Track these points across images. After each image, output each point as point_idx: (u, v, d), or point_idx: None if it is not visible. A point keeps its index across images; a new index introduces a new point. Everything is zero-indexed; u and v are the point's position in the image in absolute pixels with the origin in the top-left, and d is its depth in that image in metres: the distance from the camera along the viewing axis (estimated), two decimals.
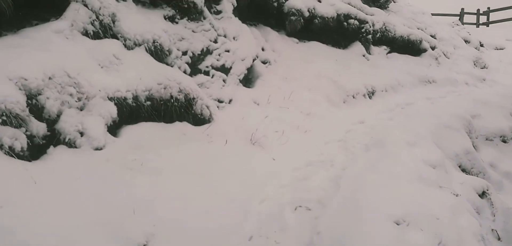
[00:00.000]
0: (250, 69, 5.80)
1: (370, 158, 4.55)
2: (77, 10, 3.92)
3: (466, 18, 25.12)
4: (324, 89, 6.33)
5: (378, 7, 10.66)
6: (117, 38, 4.15)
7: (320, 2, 8.08)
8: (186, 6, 5.07)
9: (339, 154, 4.64)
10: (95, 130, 3.27)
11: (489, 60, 10.56)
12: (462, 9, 25.22)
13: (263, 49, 6.74)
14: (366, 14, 8.78)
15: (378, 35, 8.79)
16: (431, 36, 10.18)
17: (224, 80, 5.23)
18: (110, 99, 3.56)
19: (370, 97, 6.89)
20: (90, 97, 3.42)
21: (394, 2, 11.44)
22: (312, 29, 7.82)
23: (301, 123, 5.26)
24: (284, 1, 7.59)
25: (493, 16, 24.49)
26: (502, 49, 14.17)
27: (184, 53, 4.87)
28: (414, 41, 9.13)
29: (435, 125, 5.51)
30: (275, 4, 7.46)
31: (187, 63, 4.85)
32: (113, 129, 3.57)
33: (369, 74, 7.38)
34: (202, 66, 5.07)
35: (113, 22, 4.16)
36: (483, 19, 24.80)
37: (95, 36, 3.99)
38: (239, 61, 5.55)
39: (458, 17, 24.94)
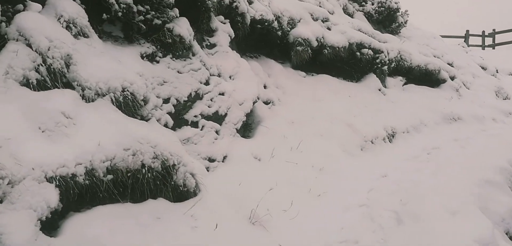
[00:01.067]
0: (250, 114, 4.70)
1: (404, 236, 3.47)
2: (16, 52, 2.84)
3: (471, 40, 24.12)
4: (338, 134, 5.22)
5: (390, 33, 9.63)
6: (73, 88, 3.06)
7: (329, 30, 7.02)
8: (170, 40, 4.00)
9: (364, 229, 3.54)
10: (18, 233, 2.16)
11: (509, 90, 9.44)
12: (467, 31, 24.20)
13: (265, 87, 5.65)
14: (380, 42, 7.73)
15: (393, 65, 7.72)
16: (449, 64, 9.09)
17: (217, 132, 4.12)
18: (50, 179, 2.45)
19: (390, 140, 5.76)
20: (15, 181, 2.31)
21: (406, 26, 10.41)
22: (321, 60, 6.75)
23: (313, 183, 4.13)
24: (289, 29, 6.53)
25: (498, 38, 23.47)
26: None
27: (166, 100, 3.78)
28: (432, 71, 8.04)
29: (475, 182, 4.42)
30: (279, 32, 6.40)
31: (170, 113, 3.76)
32: (52, 222, 2.46)
33: (387, 112, 6.27)
34: (189, 115, 3.97)
35: (68, 66, 3.08)
36: (488, 41, 23.78)
37: (40, 86, 2.91)
38: (236, 106, 4.45)
39: (464, 39, 23.94)
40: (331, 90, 6.28)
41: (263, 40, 6.45)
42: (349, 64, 6.93)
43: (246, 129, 4.72)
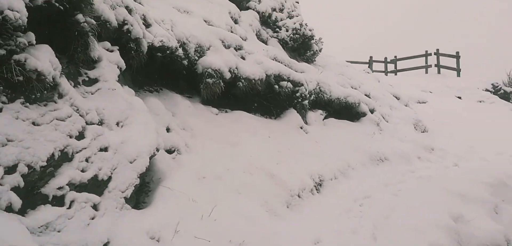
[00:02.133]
0: (146, 173, 3.57)
1: None
2: None
3: (374, 66, 25.55)
4: (260, 189, 4.32)
5: (305, 62, 9.19)
6: None
7: (244, 59, 6.20)
8: (21, 78, 2.75)
9: None
10: None
11: (424, 121, 9.56)
12: (371, 57, 25.60)
13: (168, 130, 4.57)
14: (297, 72, 7.12)
15: (312, 97, 7.17)
16: (366, 95, 8.89)
17: (95, 207, 2.94)
18: None
19: (318, 190, 5.03)
20: None
21: (319, 54, 10.10)
22: (235, 94, 5.88)
23: None
24: (197, 58, 5.56)
25: (399, 65, 25.19)
26: (425, 102, 13.69)
27: (11, 169, 2.52)
28: (352, 104, 7.67)
29: None
30: (185, 62, 5.40)
31: (16, 188, 2.50)
32: None
33: (312, 155, 5.58)
34: (49, 188, 2.73)
35: None
36: (391, 67, 25.40)
37: None
38: (126, 165, 3.30)
39: (368, 65, 25.25)
40: (248, 131, 5.41)
41: (166, 71, 5.39)
42: (267, 98, 6.17)
43: (141, 194, 3.58)
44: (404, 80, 19.26)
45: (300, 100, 6.41)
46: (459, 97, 16.73)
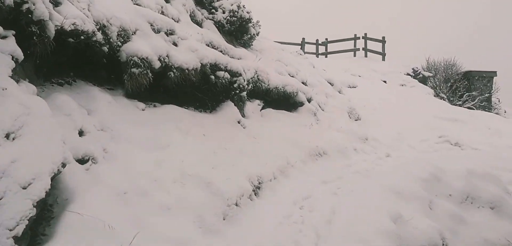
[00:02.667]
0: (47, 197, 2.77)
1: None
2: None
3: (306, 48, 25.64)
4: (194, 202, 3.68)
5: (243, 47, 8.57)
6: None
7: (176, 45, 5.43)
8: None
9: None
10: None
11: (357, 108, 9.47)
12: (303, 38, 25.61)
13: (81, 133, 3.74)
14: (234, 59, 6.50)
15: (250, 87, 6.59)
16: (303, 83, 8.53)
17: None
18: None
19: (257, 194, 4.51)
20: None
21: (257, 38, 9.52)
22: (166, 86, 5.12)
23: None
24: (120, 44, 4.70)
25: (330, 47, 25.50)
26: (355, 87, 13.79)
27: None
28: (290, 94, 7.23)
29: None
30: (106, 48, 4.52)
31: None
32: None
33: (250, 154, 5.03)
34: None
35: None
36: (321, 49, 25.64)
37: None
38: (18, 193, 2.49)
39: (300, 46, 25.26)
40: (180, 129, 4.70)
41: (82, 58, 4.48)
42: (202, 90, 5.47)
43: (41, 223, 2.78)
44: (334, 63, 19.44)
45: (238, 91, 5.81)
46: (384, 82, 17.20)
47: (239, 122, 5.58)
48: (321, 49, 25.93)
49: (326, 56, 24.95)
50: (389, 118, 9.99)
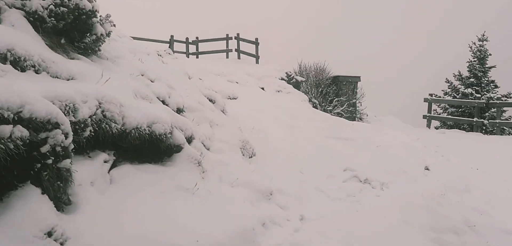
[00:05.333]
0: None
1: None
2: None
3: (176, 46, 22.46)
4: None
5: (83, 54, 5.23)
6: None
7: None
8: None
9: None
10: None
11: (250, 139, 6.99)
12: (172, 36, 22.29)
13: None
14: (59, 80, 3.29)
15: (88, 133, 3.50)
16: (178, 110, 5.64)
17: None
18: None
19: None
20: None
21: (107, 40, 6.21)
22: None
23: None
24: None
25: (201, 47, 22.80)
26: (235, 98, 11.37)
27: None
28: (160, 137, 4.31)
29: None
30: None
31: None
32: None
33: None
34: None
35: None
36: (192, 48, 22.76)
37: None
38: None
39: (168, 44, 21.94)
40: None
41: None
42: None
43: None
44: (207, 66, 16.83)
45: (50, 162, 2.67)
46: (262, 89, 15.34)
47: (48, 234, 2.46)
48: (192, 48, 23.00)
49: (197, 57, 22.17)
50: (282, 144, 7.82)
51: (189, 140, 4.98)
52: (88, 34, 5.32)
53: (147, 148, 4.26)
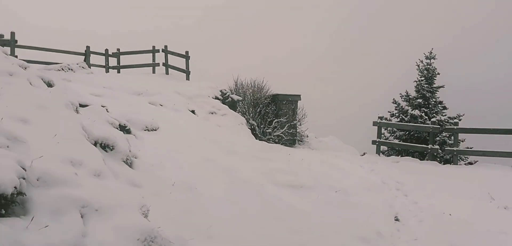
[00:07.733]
0: None
1: None
2: None
3: (94, 59, 18.68)
4: None
5: None
6: None
7: None
8: None
9: None
10: None
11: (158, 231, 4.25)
12: (88, 47, 18.41)
13: None
14: None
15: None
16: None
17: None
18: None
19: None
20: None
21: None
22: None
23: None
24: None
25: (123, 60, 19.31)
26: (155, 129, 8.45)
27: None
28: None
29: None
30: None
31: None
32: None
33: None
34: None
35: None
36: (114, 61, 19.16)
37: None
38: None
39: (84, 57, 18.13)
40: None
41: None
42: None
43: None
44: (128, 82, 13.62)
45: None
46: (193, 112, 12.55)
47: None
48: (113, 61, 19.33)
49: (118, 71, 18.64)
50: (218, 211, 5.18)
51: None
52: None
53: None
